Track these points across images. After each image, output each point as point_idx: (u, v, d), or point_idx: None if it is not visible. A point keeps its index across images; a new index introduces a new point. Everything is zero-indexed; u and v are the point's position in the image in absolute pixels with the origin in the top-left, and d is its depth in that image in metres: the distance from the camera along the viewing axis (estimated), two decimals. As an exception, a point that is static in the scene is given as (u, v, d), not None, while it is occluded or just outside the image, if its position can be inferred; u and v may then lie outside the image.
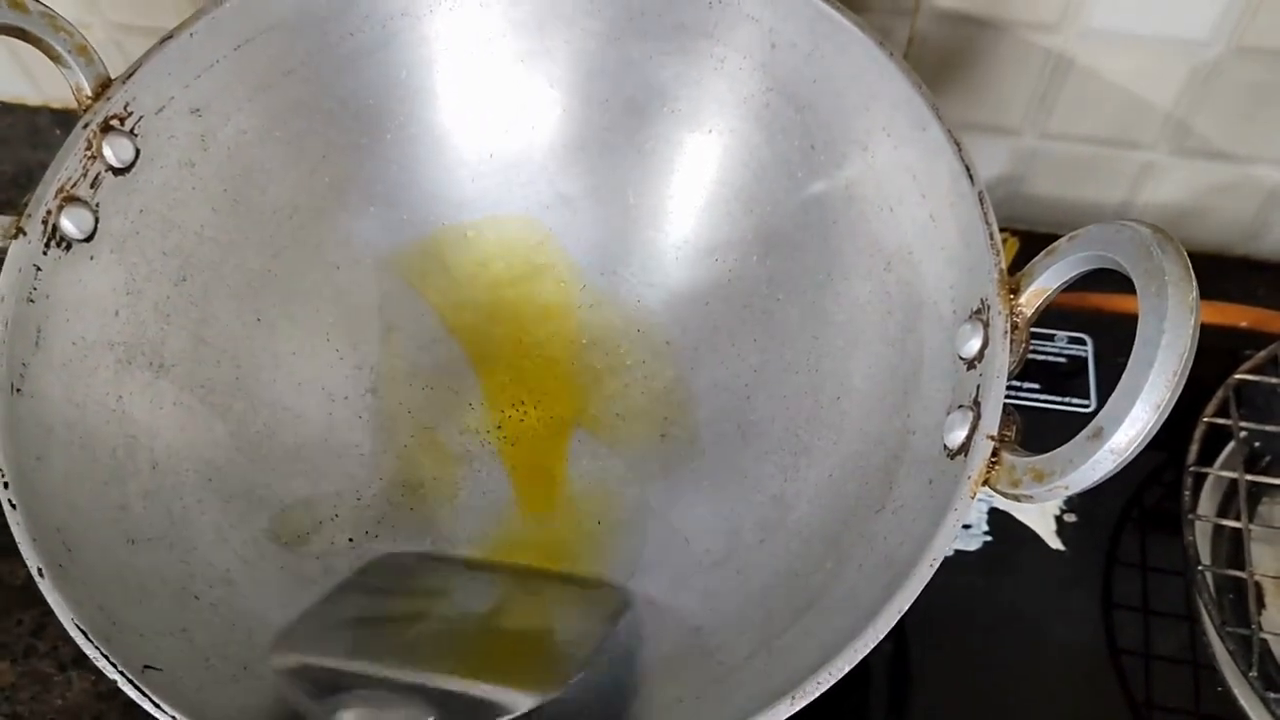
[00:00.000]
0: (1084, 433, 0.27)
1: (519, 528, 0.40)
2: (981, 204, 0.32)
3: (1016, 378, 0.47)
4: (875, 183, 0.37)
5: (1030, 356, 0.48)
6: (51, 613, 0.44)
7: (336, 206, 0.42)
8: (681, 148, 0.42)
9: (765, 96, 0.39)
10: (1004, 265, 0.31)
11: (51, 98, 0.61)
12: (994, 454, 0.29)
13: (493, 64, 0.42)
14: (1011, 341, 0.31)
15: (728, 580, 0.36)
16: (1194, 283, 0.26)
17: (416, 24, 0.41)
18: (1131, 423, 0.26)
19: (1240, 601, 0.40)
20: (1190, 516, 0.40)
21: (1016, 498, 0.29)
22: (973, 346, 0.32)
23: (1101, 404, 0.27)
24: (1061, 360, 0.48)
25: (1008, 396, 0.30)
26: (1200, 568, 0.39)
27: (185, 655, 0.31)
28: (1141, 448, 0.26)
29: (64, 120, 0.61)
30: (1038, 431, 0.30)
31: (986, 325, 0.31)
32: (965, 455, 0.30)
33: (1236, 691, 0.39)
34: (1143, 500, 0.45)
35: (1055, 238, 0.30)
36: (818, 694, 0.27)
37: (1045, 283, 0.31)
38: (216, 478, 0.37)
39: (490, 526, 0.40)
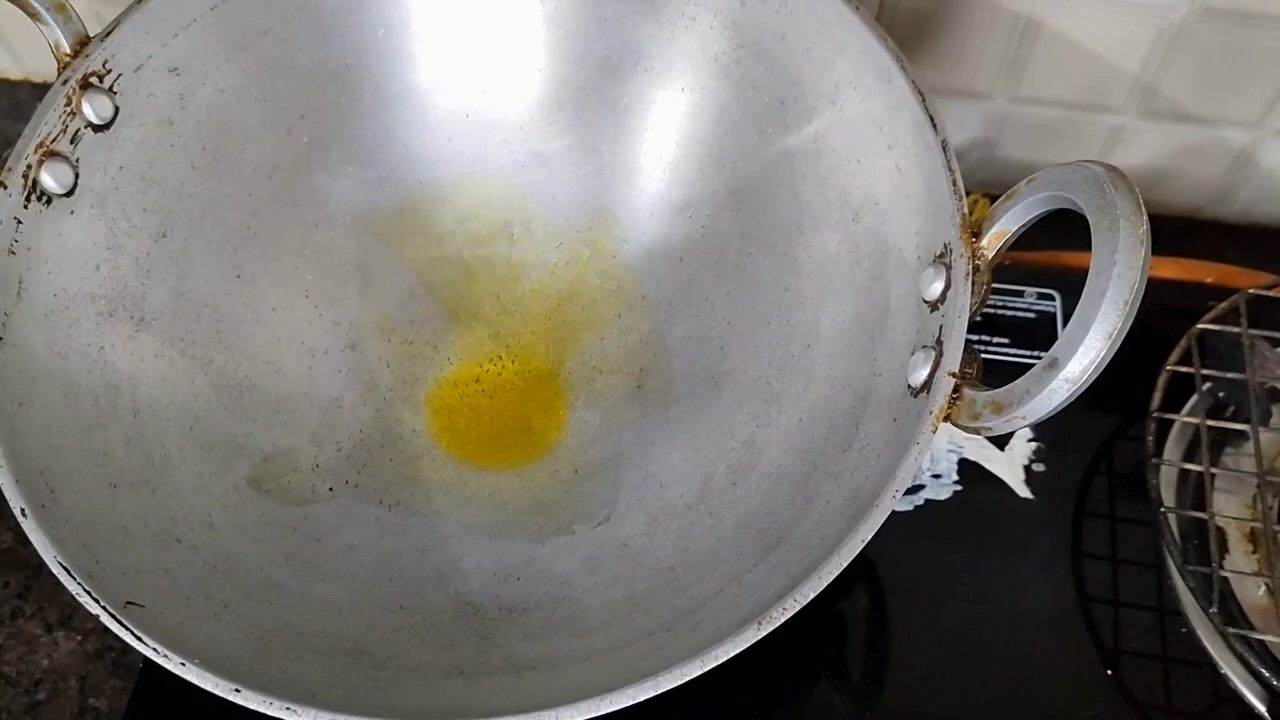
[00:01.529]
0: (1039, 364, 0.28)
1: (497, 477, 0.41)
2: (944, 152, 0.33)
3: (986, 331, 0.49)
4: (843, 136, 0.37)
5: (1000, 312, 0.49)
6: (37, 575, 0.45)
7: (315, 165, 0.42)
8: (654, 105, 0.42)
9: (735, 54, 0.40)
10: (966, 210, 0.32)
11: (32, 71, 0.62)
12: (955, 390, 0.30)
13: (470, 24, 0.42)
14: (973, 284, 0.31)
15: (700, 522, 0.37)
16: (1145, 217, 0.27)
17: (393, -16, 0.41)
18: (1085, 351, 0.27)
19: (1203, 546, 0.41)
20: (1154, 461, 0.41)
21: (977, 431, 0.30)
22: (936, 289, 0.32)
23: (1070, 356, 0.27)
24: (1031, 315, 0.49)
25: (979, 350, 0.31)
26: (1163, 510, 0.40)
27: (167, 594, 0.31)
28: (1095, 376, 0.27)
29: (44, 94, 0.61)
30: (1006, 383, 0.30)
31: (949, 268, 0.32)
32: (928, 392, 0.31)
33: (1199, 632, 0.40)
34: (1111, 452, 0.46)
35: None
36: (784, 619, 0.28)
37: (1005, 225, 0.31)
38: (197, 427, 0.37)
39: (469, 476, 0.41)
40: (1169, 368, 0.43)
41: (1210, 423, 0.42)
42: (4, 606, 0.45)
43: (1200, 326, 0.44)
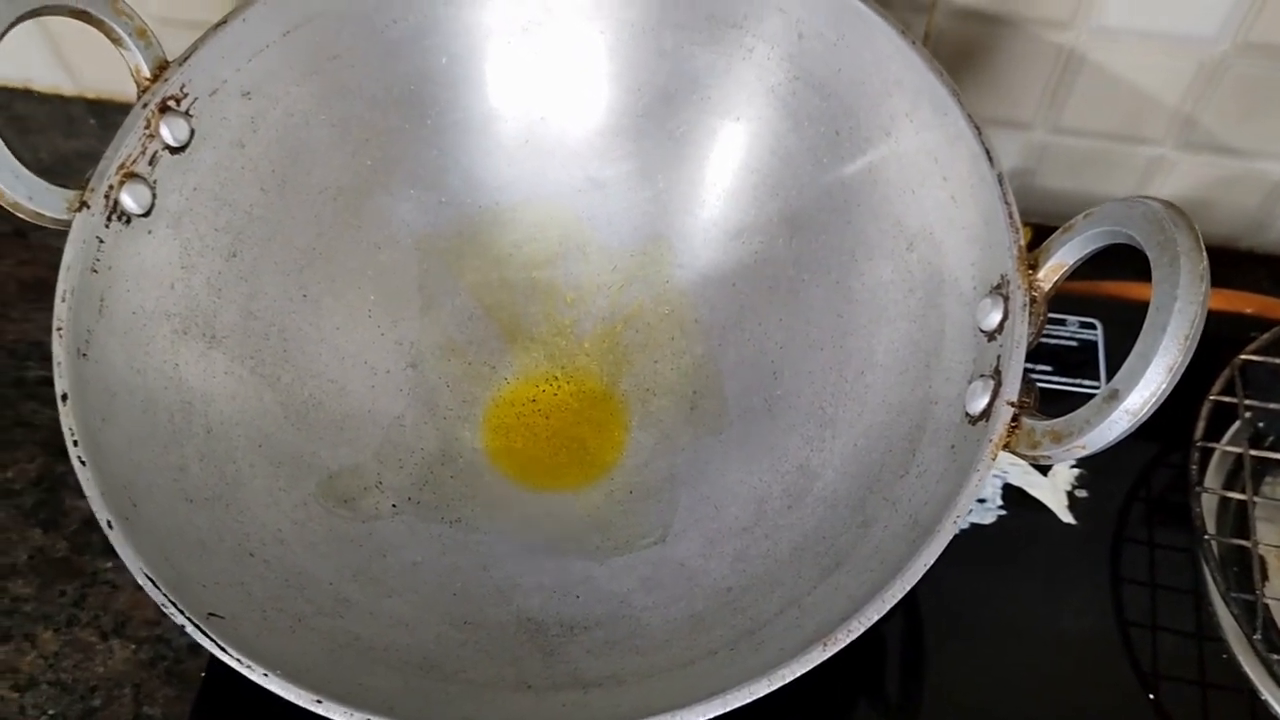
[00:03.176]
0: (1100, 394, 0.29)
1: (554, 496, 0.42)
2: (1001, 185, 0.34)
3: (1029, 359, 0.49)
4: (898, 167, 0.38)
5: (1042, 340, 0.50)
6: (92, 583, 0.46)
7: (379, 188, 0.43)
8: (711, 134, 0.43)
9: (792, 85, 0.41)
10: (1023, 243, 0.33)
11: (86, 88, 0.63)
12: (1014, 419, 0.31)
13: (531, 53, 0.43)
14: (1030, 314, 0.32)
15: (757, 544, 0.37)
16: (1204, 254, 0.28)
17: (458, 13, 0.42)
18: (1146, 384, 0.27)
19: (1244, 573, 0.42)
20: (1197, 489, 0.42)
21: (1035, 459, 0.30)
22: (993, 320, 0.33)
23: (1113, 385, 0.28)
24: (1073, 344, 0.50)
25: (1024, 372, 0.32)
26: (1206, 536, 0.41)
27: (244, 606, 0.32)
28: (1155, 408, 0.28)
29: (98, 110, 0.63)
30: (1049, 411, 0.31)
31: (1006, 299, 0.33)
32: (987, 420, 0.31)
33: (1240, 658, 0.41)
34: (1151, 480, 0.46)
35: (1066, 229, 0.32)
36: (849, 640, 0.29)
37: (1062, 258, 0.32)
38: (266, 444, 0.38)
39: (525, 494, 0.42)
40: (1212, 397, 0.44)
41: (1253, 452, 0.42)
42: (60, 614, 0.46)
43: (1243, 357, 0.45)
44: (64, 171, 0.60)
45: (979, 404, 0.32)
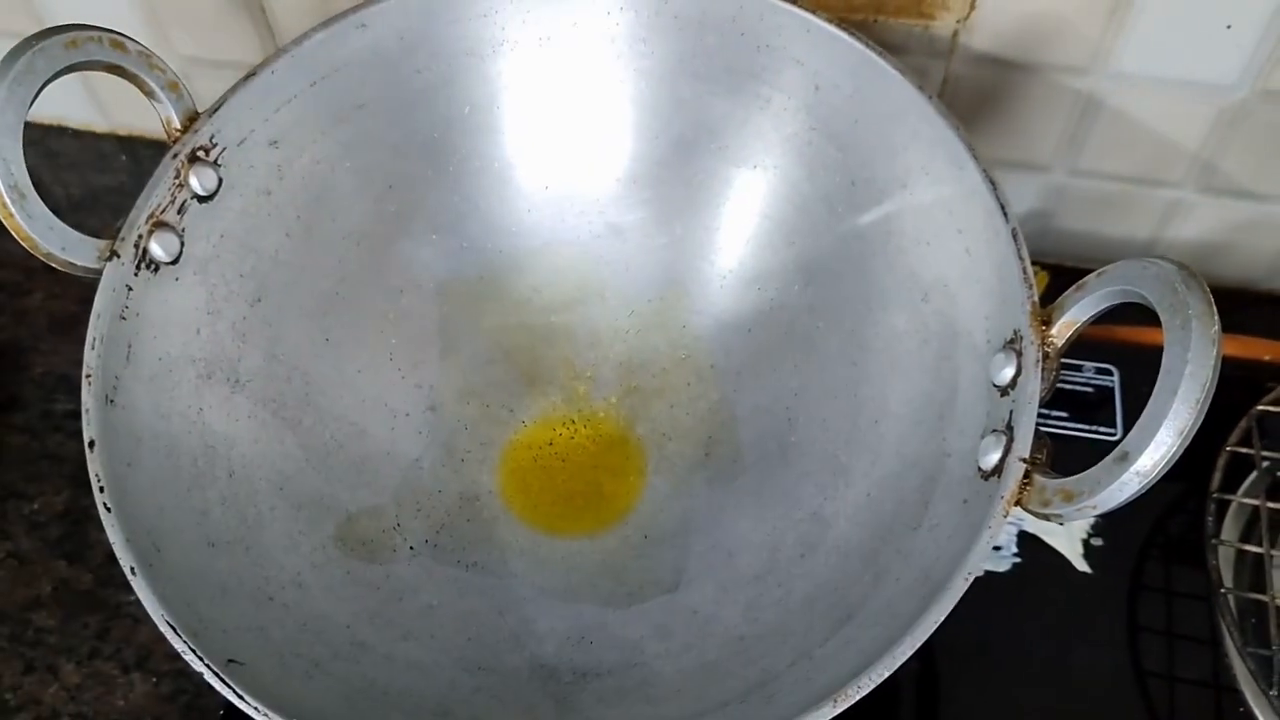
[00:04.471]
0: (1111, 456, 0.29)
1: (569, 540, 0.42)
2: (1015, 240, 0.34)
3: (1045, 405, 0.49)
4: (913, 218, 0.39)
5: (1059, 386, 0.49)
6: (115, 616, 0.47)
7: (401, 234, 0.44)
8: (727, 182, 0.44)
9: (808, 135, 0.41)
10: (1036, 299, 0.33)
11: (118, 125, 0.64)
12: (1026, 475, 0.31)
13: (551, 101, 0.44)
14: (1043, 370, 0.32)
15: (769, 593, 0.37)
16: (1216, 317, 0.28)
17: (480, 64, 0.43)
18: (1156, 446, 0.28)
19: (1261, 625, 0.41)
20: (1214, 541, 0.42)
21: (1047, 517, 0.31)
22: (1006, 375, 0.33)
23: (1128, 432, 0.28)
24: (1089, 390, 0.50)
25: (1038, 423, 0.32)
26: (1223, 590, 0.40)
27: (263, 651, 0.33)
28: (1165, 471, 0.28)
29: (129, 147, 0.64)
30: (1065, 458, 0.31)
31: (1019, 355, 0.33)
32: (999, 476, 0.32)
33: (1257, 711, 0.41)
34: (1167, 528, 0.46)
35: (1084, 271, 0.32)
36: (859, 697, 0.29)
37: (1075, 315, 0.32)
38: (287, 486, 0.39)
39: (541, 538, 0.42)
40: (1229, 448, 0.43)
41: (1271, 505, 0.42)
42: (83, 647, 0.46)
43: (1260, 408, 0.44)
44: (93, 206, 0.61)
45: (991, 459, 0.32)
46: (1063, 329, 0.33)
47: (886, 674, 0.29)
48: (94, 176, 0.63)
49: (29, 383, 0.54)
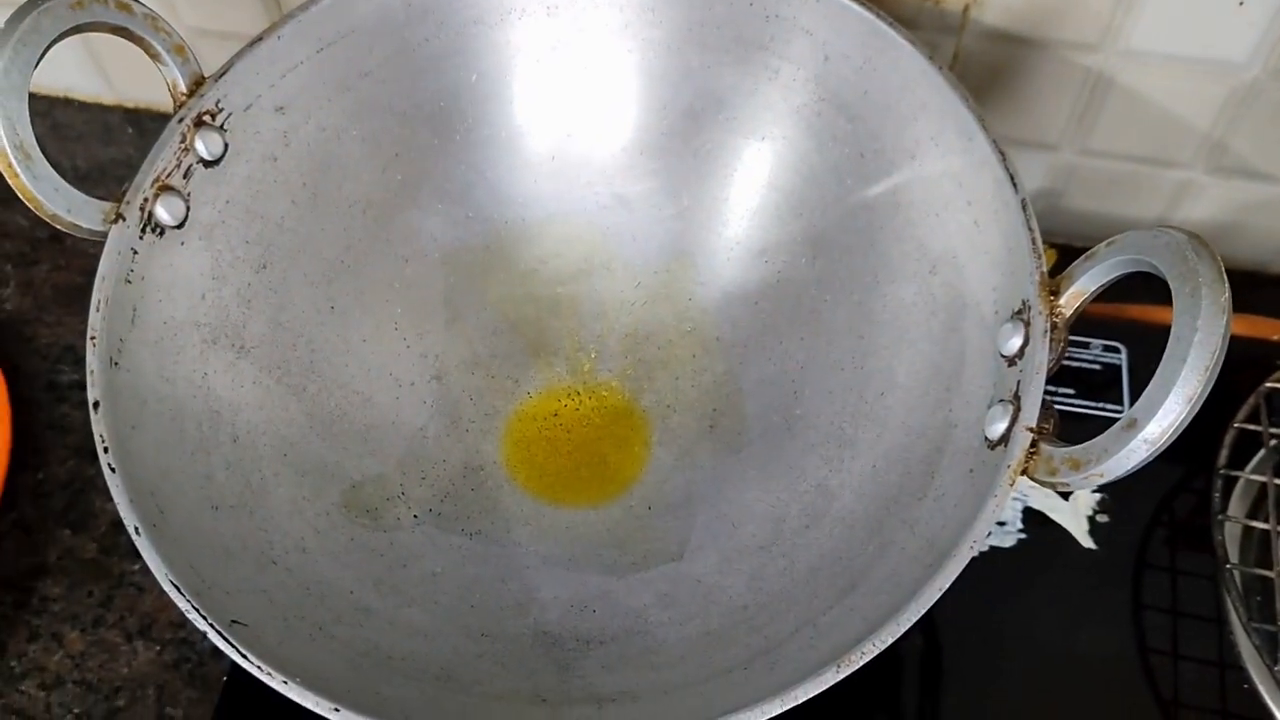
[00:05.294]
0: (1119, 423, 0.29)
1: (573, 510, 0.42)
2: (1024, 211, 0.34)
3: (1052, 382, 0.49)
4: (922, 190, 0.38)
5: (1066, 363, 0.50)
6: (119, 585, 0.47)
7: (407, 203, 0.44)
8: (735, 153, 0.44)
9: (817, 106, 0.41)
10: (1045, 269, 0.33)
11: (125, 98, 0.64)
12: (1033, 445, 0.31)
13: (559, 70, 0.44)
14: (1051, 340, 0.32)
15: (773, 563, 0.37)
16: (1226, 285, 0.28)
17: (488, 31, 0.43)
18: (1165, 413, 0.27)
19: (1267, 602, 0.41)
20: (1220, 517, 0.42)
21: (1053, 486, 0.30)
22: (1014, 345, 0.33)
23: (1136, 410, 0.28)
24: (1096, 367, 0.50)
25: (1044, 397, 0.32)
26: (1229, 566, 0.40)
27: (266, 614, 0.33)
28: (1173, 439, 0.28)
29: (135, 120, 0.64)
30: (1072, 435, 0.31)
31: (1027, 325, 0.33)
32: (1005, 446, 0.31)
33: (1261, 688, 0.41)
34: (1173, 505, 0.46)
35: (1091, 251, 0.32)
36: (862, 663, 0.29)
37: (1084, 285, 0.32)
38: (291, 453, 0.39)
39: (545, 508, 0.42)
40: (1237, 425, 0.43)
41: (1278, 481, 0.42)
42: (87, 615, 0.46)
43: (1269, 385, 0.44)
44: (99, 178, 0.61)
45: (998, 429, 0.32)
46: (1071, 299, 0.32)
47: (890, 640, 0.29)
48: (100, 149, 0.63)
49: (34, 353, 0.54)
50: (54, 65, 0.34)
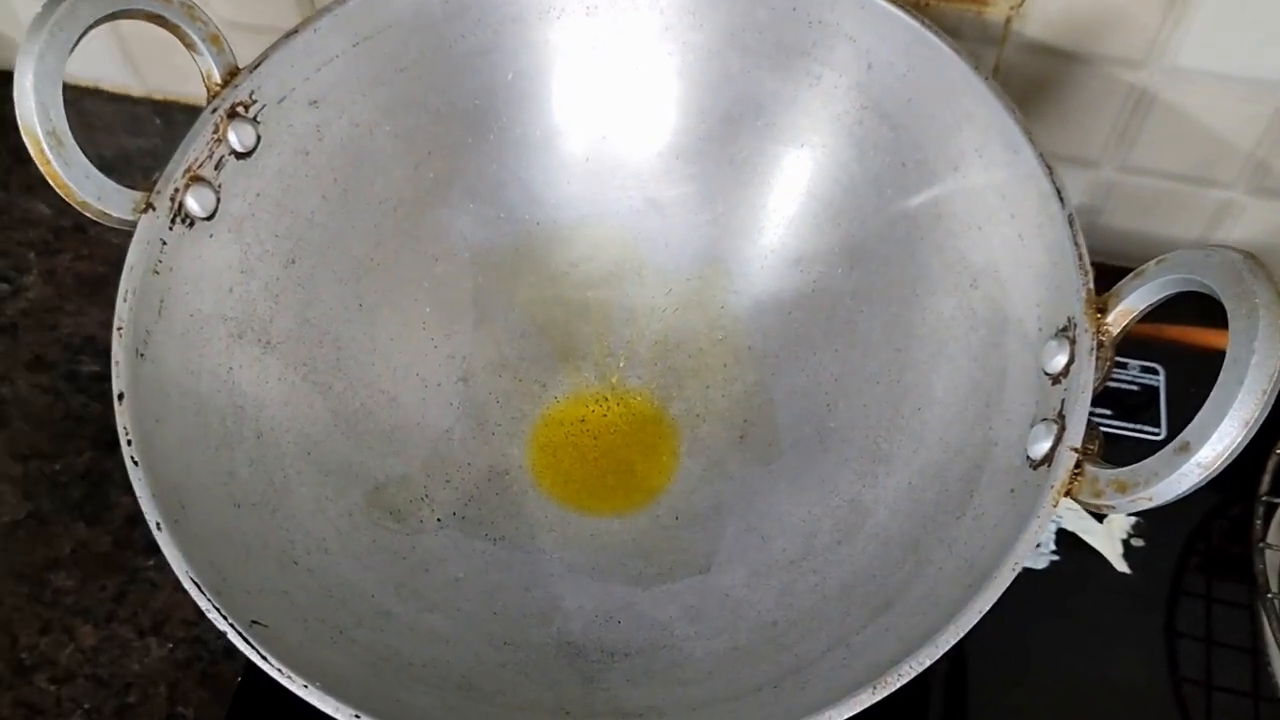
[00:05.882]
0: (1170, 446, 0.28)
1: (599, 519, 0.41)
2: (1071, 226, 0.33)
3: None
4: (964, 202, 0.38)
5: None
6: (133, 580, 0.46)
7: (439, 201, 0.43)
8: (773, 160, 0.43)
9: (859, 114, 0.41)
10: (1092, 285, 0.32)
11: (153, 89, 0.64)
12: (1077, 466, 0.30)
13: (596, 72, 0.43)
14: (1097, 359, 0.32)
15: (804, 579, 0.37)
16: (1284, 306, 0.27)
17: (526, 30, 0.42)
18: (1220, 437, 0.27)
19: (1307, 634, 0.41)
20: (1261, 545, 0.41)
21: (1098, 509, 0.30)
22: (1058, 363, 0.33)
23: (1172, 433, 0.28)
24: (1134, 388, 0.49)
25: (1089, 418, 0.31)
26: (1270, 595, 0.39)
27: (286, 615, 0.32)
28: (1228, 463, 0.27)
29: (163, 111, 0.63)
30: (1108, 456, 0.30)
31: (1073, 343, 0.32)
32: (1049, 466, 0.31)
33: (1300, 722, 0.40)
34: (1210, 531, 0.45)
35: (1130, 270, 0.31)
36: (899, 685, 0.28)
37: (1131, 304, 0.32)
38: (315, 451, 0.38)
39: (570, 515, 0.41)
40: (1279, 451, 0.42)
41: (1320, 510, 0.41)
42: (100, 609, 0.46)
43: (1313, 412, 0.43)
44: (126, 170, 0.61)
45: (1041, 448, 0.32)
46: (1118, 317, 0.32)
47: (929, 662, 0.28)
48: (128, 140, 0.63)
49: (55, 343, 0.53)
50: (83, 55, 0.34)
